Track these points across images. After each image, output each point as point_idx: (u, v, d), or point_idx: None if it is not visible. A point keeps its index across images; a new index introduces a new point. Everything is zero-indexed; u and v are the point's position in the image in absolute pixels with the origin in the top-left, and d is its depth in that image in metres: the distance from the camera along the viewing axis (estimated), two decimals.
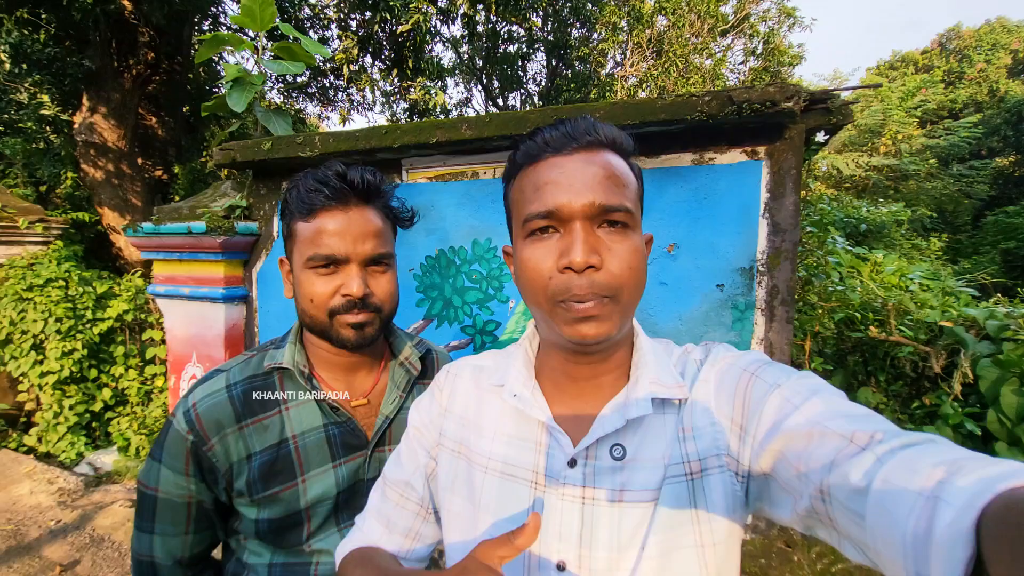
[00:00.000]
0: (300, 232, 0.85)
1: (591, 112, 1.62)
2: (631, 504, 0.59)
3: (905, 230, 5.83)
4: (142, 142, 6.72)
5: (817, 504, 0.46)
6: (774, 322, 1.60)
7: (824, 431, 0.48)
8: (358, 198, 0.85)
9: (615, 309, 0.58)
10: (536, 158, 0.61)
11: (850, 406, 0.51)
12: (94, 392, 3.97)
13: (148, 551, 0.87)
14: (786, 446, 0.51)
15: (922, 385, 1.95)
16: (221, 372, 0.90)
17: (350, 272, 0.83)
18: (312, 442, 0.88)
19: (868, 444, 0.44)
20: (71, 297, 3.82)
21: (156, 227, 2.49)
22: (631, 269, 0.58)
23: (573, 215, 0.57)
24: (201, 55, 2.56)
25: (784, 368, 0.60)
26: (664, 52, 9.55)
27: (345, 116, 8.74)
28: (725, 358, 0.64)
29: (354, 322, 0.84)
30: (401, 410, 0.96)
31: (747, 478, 0.58)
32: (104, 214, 5.88)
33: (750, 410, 0.57)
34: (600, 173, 0.58)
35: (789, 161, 1.57)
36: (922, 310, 1.96)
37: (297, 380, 0.89)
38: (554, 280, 0.58)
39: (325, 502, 0.88)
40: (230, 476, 0.85)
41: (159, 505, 0.85)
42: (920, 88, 12.80)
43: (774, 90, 1.45)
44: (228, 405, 0.86)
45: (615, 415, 0.61)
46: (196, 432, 0.84)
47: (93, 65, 5.49)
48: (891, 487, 0.39)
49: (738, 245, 1.63)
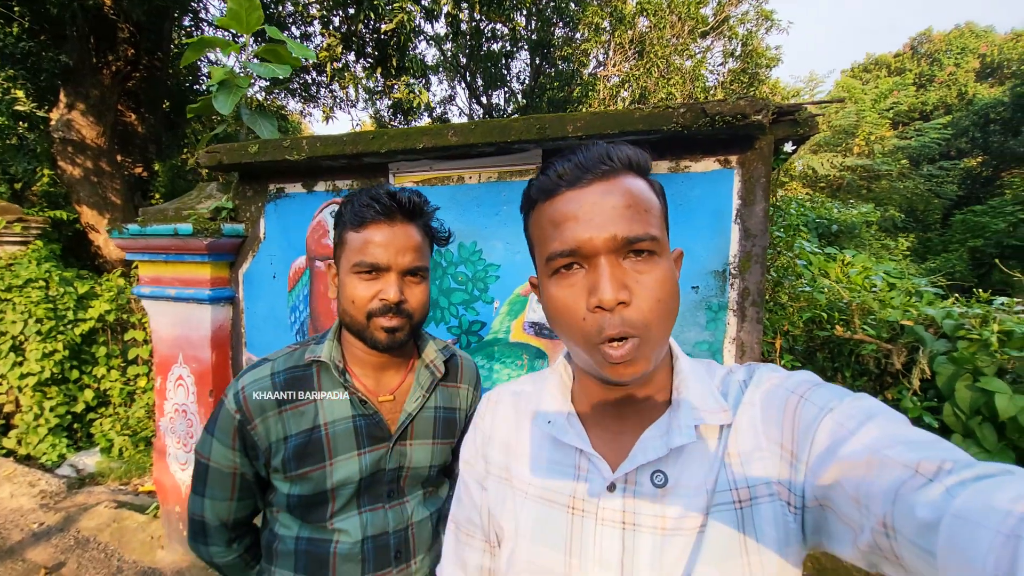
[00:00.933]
0: (350, 241, 0.96)
1: (572, 122, 1.69)
2: (674, 532, 0.57)
3: (875, 230, 6.06)
4: (121, 139, 6.61)
5: (880, 539, 0.43)
6: (745, 322, 1.70)
7: (884, 459, 0.45)
8: (403, 215, 0.96)
9: (647, 348, 0.56)
10: (552, 193, 0.60)
11: (912, 432, 0.48)
12: (76, 393, 3.93)
13: (200, 511, 1.00)
14: (843, 475, 0.48)
15: (885, 381, 2.06)
16: (268, 361, 1.02)
17: (389, 280, 0.94)
18: (341, 430, 0.99)
19: (936, 474, 0.41)
20: (52, 298, 3.77)
21: (142, 229, 2.50)
22: (660, 302, 0.56)
23: (597, 251, 0.56)
24: (187, 58, 2.56)
25: (835, 389, 0.57)
26: (646, 53, 9.68)
27: (328, 113, 8.69)
28: (771, 379, 0.61)
29: (387, 326, 0.94)
30: (423, 408, 1.07)
31: (801, 509, 0.54)
32: (83, 212, 5.78)
33: (800, 435, 0.54)
34: (620, 203, 0.56)
35: (759, 170, 1.66)
36: (885, 310, 2.08)
37: (332, 373, 1.00)
38: (588, 321, 0.56)
39: (348, 485, 0.99)
40: (269, 453, 0.97)
41: (210, 473, 0.99)
42: (892, 90, 13.17)
43: (744, 103, 1.53)
44: (272, 390, 0.98)
45: (657, 442, 0.59)
46: (243, 412, 0.96)
47: (70, 60, 5.38)
48: (965, 523, 0.36)
49: (712, 249, 1.72)
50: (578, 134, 1.70)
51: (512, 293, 2.00)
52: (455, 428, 1.12)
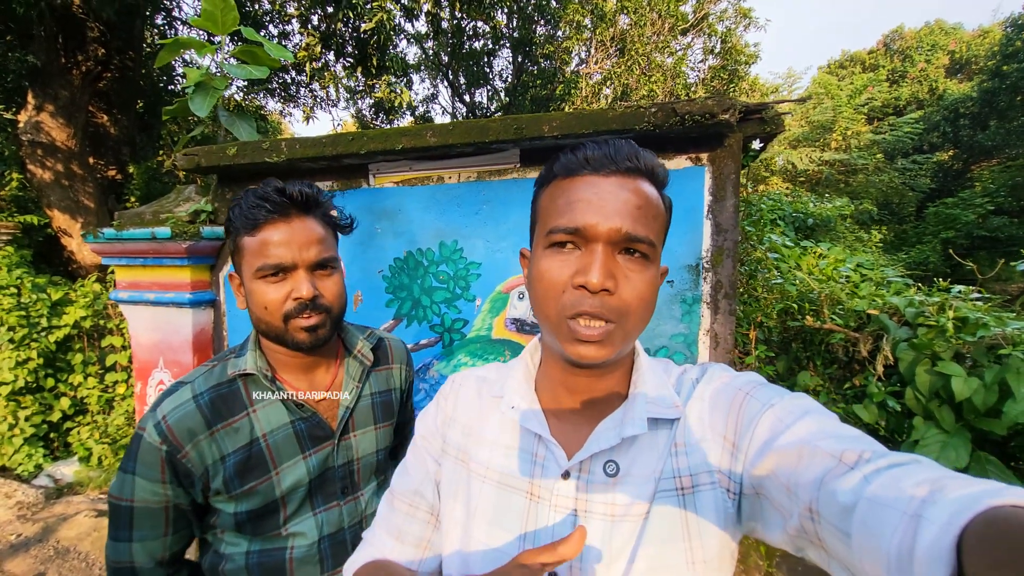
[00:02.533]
0: (247, 246, 0.91)
1: (548, 122, 1.72)
2: (622, 518, 0.60)
3: (849, 223, 6.22)
4: (93, 141, 6.47)
5: (806, 523, 0.47)
6: (719, 314, 1.75)
7: (814, 450, 0.48)
8: (298, 209, 0.92)
9: (619, 335, 0.58)
10: (573, 172, 0.61)
11: (841, 427, 0.52)
12: (51, 402, 3.86)
13: (128, 558, 0.91)
14: (777, 464, 0.51)
15: (853, 368, 2.14)
16: (185, 384, 0.96)
17: (298, 277, 0.90)
18: (281, 438, 0.96)
19: (856, 463, 0.44)
20: (24, 305, 3.70)
21: (118, 233, 2.47)
22: (642, 299, 0.58)
23: (598, 237, 0.58)
24: (161, 59, 2.53)
25: (778, 389, 0.61)
26: (627, 50, 9.76)
27: (308, 113, 8.61)
28: (721, 378, 0.65)
29: (307, 325, 0.91)
30: (360, 399, 1.06)
31: (739, 496, 0.58)
32: (54, 216, 5.65)
33: (743, 428, 0.58)
34: (632, 200, 0.58)
35: (729, 167, 1.71)
36: (853, 300, 2.15)
37: (262, 383, 0.96)
38: (567, 294, 0.58)
39: (299, 489, 0.97)
40: (206, 478, 0.92)
41: (136, 514, 0.90)
42: (867, 86, 13.47)
43: (713, 103, 1.58)
44: (197, 413, 0.92)
45: (610, 433, 0.62)
46: (169, 442, 0.89)
47: (38, 61, 5.25)
48: (876, 505, 0.39)
49: (685, 244, 1.76)
50: (554, 134, 1.73)
51: (494, 291, 2.02)
52: (392, 409, 1.13)
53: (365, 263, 2.23)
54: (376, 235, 2.19)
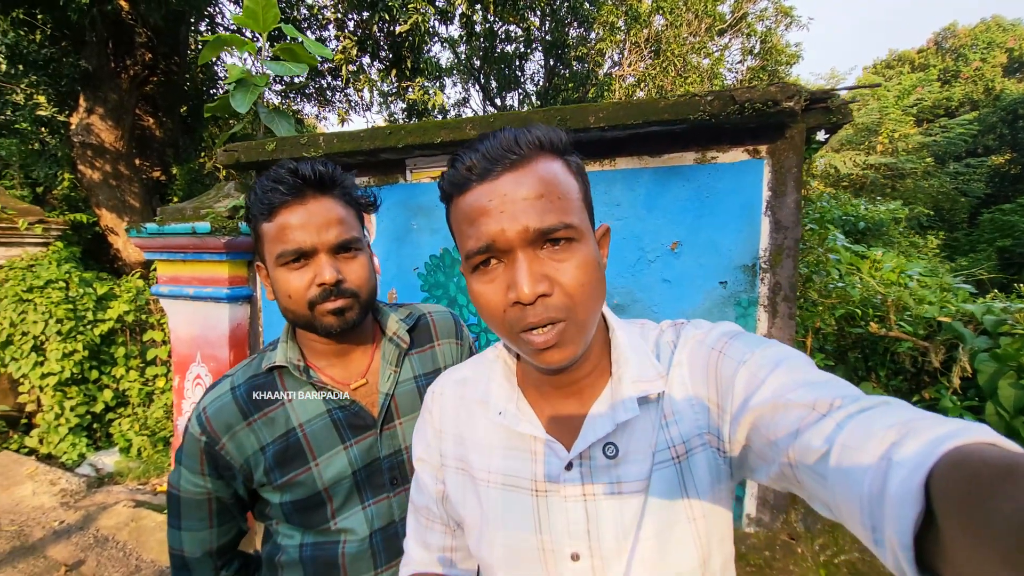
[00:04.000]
0: (266, 233, 0.87)
1: (594, 112, 1.64)
2: (629, 495, 0.61)
3: (903, 228, 5.87)
4: (139, 143, 6.70)
5: (786, 470, 0.49)
6: (777, 318, 1.62)
7: (788, 402, 0.50)
8: (314, 190, 0.87)
9: (574, 331, 0.57)
10: (464, 187, 0.58)
11: (814, 373, 0.53)
12: (95, 393, 3.97)
13: (179, 546, 0.93)
14: (756, 419, 0.53)
15: (922, 380, 1.97)
16: (227, 377, 0.95)
17: (320, 262, 0.85)
18: (319, 428, 0.92)
19: (828, 411, 0.46)
20: (72, 298, 3.82)
21: (160, 228, 2.50)
22: (582, 286, 0.56)
23: (511, 244, 0.55)
24: (204, 56, 2.56)
25: (750, 339, 0.61)
26: (662, 51, 9.58)
27: (343, 117, 8.74)
28: (694, 336, 0.65)
29: (333, 308, 0.86)
30: (400, 383, 0.99)
31: (727, 451, 0.60)
32: (102, 215, 5.86)
33: (723, 388, 0.59)
34: (530, 194, 0.55)
35: (790, 160, 1.59)
36: (921, 306, 1.98)
37: (294, 375, 0.93)
38: (508, 313, 0.57)
39: (343, 482, 0.92)
40: (247, 469, 0.90)
41: (182, 503, 0.92)
42: (916, 86, 12.87)
43: (775, 90, 1.46)
44: (234, 405, 0.91)
45: (604, 419, 0.62)
46: (208, 434, 0.89)
47: (90, 66, 5.47)
48: (848, 450, 0.41)
49: (740, 243, 1.65)
50: (600, 125, 1.64)
51: None
52: None
53: (400, 260, 2.18)
54: (412, 232, 2.15)
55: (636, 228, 1.78)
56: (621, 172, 1.80)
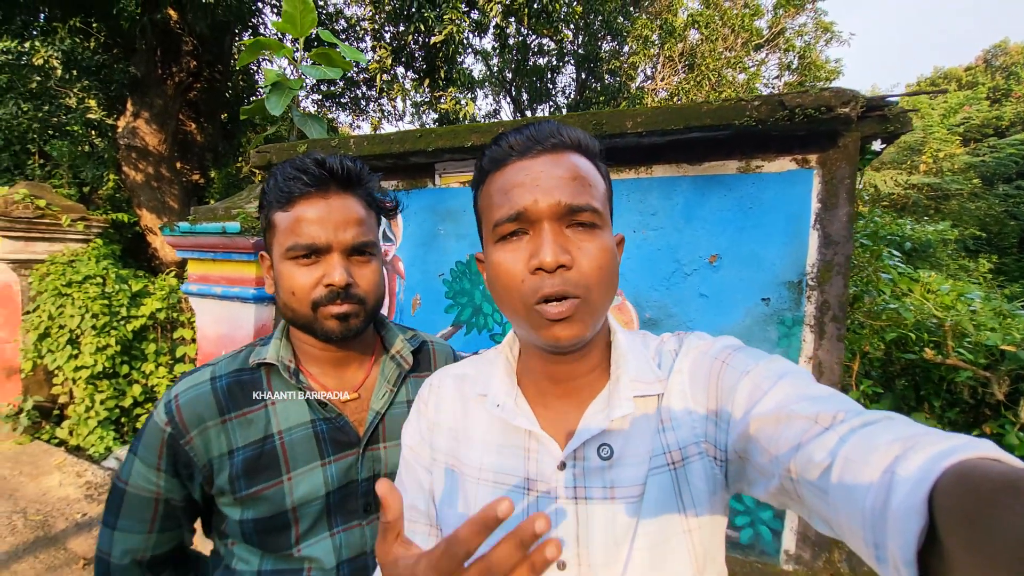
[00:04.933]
0: (279, 222, 0.81)
1: (632, 117, 1.57)
2: (622, 500, 0.60)
3: (951, 250, 5.56)
4: (181, 147, 6.94)
5: (787, 483, 0.48)
6: (824, 339, 1.51)
7: (791, 414, 0.49)
8: (338, 185, 0.82)
9: (587, 310, 0.58)
10: (502, 163, 0.61)
11: (816, 388, 0.52)
12: (124, 388, 4.04)
13: (107, 548, 0.82)
14: (757, 430, 0.52)
15: (981, 412, 1.81)
16: (208, 366, 0.87)
17: (332, 261, 0.80)
18: (299, 438, 0.84)
19: (831, 424, 0.45)
20: (107, 294, 3.91)
21: (192, 226, 2.53)
22: (601, 268, 0.58)
23: (540, 215, 0.57)
24: (243, 59, 2.61)
25: (753, 353, 0.61)
26: (696, 66, 9.48)
27: (376, 125, 8.89)
28: (697, 347, 0.65)
29: (338, 312, 0.80)
30: (392, 405, 0.92)
31: (725, 462, 0.59)
32: (142, 215, 6.06)
33: (723, 397, 0.59)
34: (565, 174, 0.58)
35: (843, 170, 1.49)
36: (981, 333, 1.83)
37: (283, 376, 0.86)
38: (527, 282, 0.58)
39: (313, 503, 0.83)
40: (209, 472, 0.81)
41: (126, 499, 0.82)
42: (963, 105, 12.38)
43: (829, 95, 1.37)
44: (211, 397, 0.82)
45: (599, 416, 0.62)
46: (175, 424, 0.80)
47: (138, 72, 5.70)
48: (851, 464, 0.40)
49: (786, 257, 1.55)
50: (638, 130, 1.57)
51: None
52: None
53: (426, 266, 2.15)
54: (439, 237, 2.11)
55: (672, 239, 1.69)
56: (658, 180, 1.72)
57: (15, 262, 4.02)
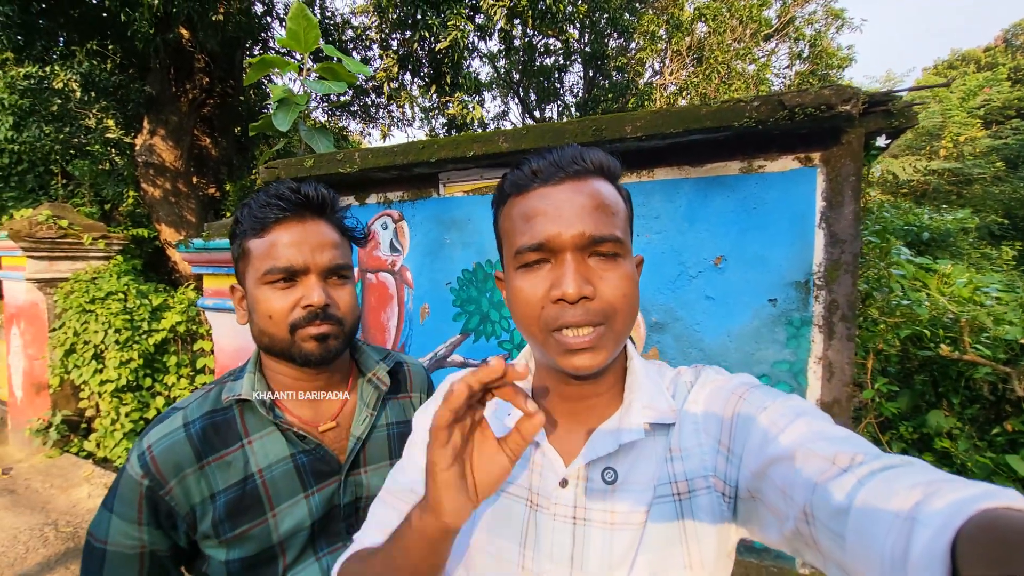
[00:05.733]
0: (254, 249, 0.82)
1: (631, 122, 1.57)
2: (622, 526, 0.59)
3: (972, 238, 5.41)
4: (197, 162, 7.09)
5: (802, 526, 0.47)
6: (834, 339, 1.49)
7: (808, 453, 0.48)
8: (313, 211, 0.84)
9: (609, 337, 0.58)
10: (524, 188, 0.61)
11: (834, 429, 0.51)
12: (148, 400, 4.14)
13: None
14: (771, 468, 0.51)
15: (1002, 409, 1.76)
16: (178, 410, 0.85)
17: (309, 283, 0.81)
18: (280, 474, 0.84)
19: (849, 466, 0.44)
20: (129, 309, 4.02)
21: (206, 243, 2.59)
22: (625, 296, 0.58)
23: (564, 246, 0.58)
24: (250, 77, 2.66)
25: (771, 391, 0.60)
26: (705, 59, 9.36)
27: (386, 132, 8.97)
28: (715, 380, 0.65)
29: (316, 333, 0.80)
30: (374, 429, 0.92)
31: (734, 499, 0.58)
32: (161, 230, 6.21)
33: (737, 432, 0.58)
34: (589, 203, 0.58)
35: (848, 167, 1.47)
36: (1000, 327, 1.79)
37: (258, 411, 0.84)
38: (547, 310, 0.58)
39: (299, 533, 0.84)
40: (192, 519, 0.80)
41: (108, 559, 0.78)
42: (983, 87, 12.03)
43: (829, 93, 1.35)
44: (187, 444, 0.80)
45: (607, 439, 0.62)
46: (152, 476, 0.78)
47: (153, 91, 5.84)
48: (870, 508, 0.39)
49: (791, 257, 1.53)
50: (637, 135, 1.57)
51: None
52: None
53: (433, 275, 2.16)
54: (445, 246, 2.13)
55: (676, 242, 1.69)
56: (660, 183, 1.71)
57: (41, 281, 4.15)
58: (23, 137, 5.98)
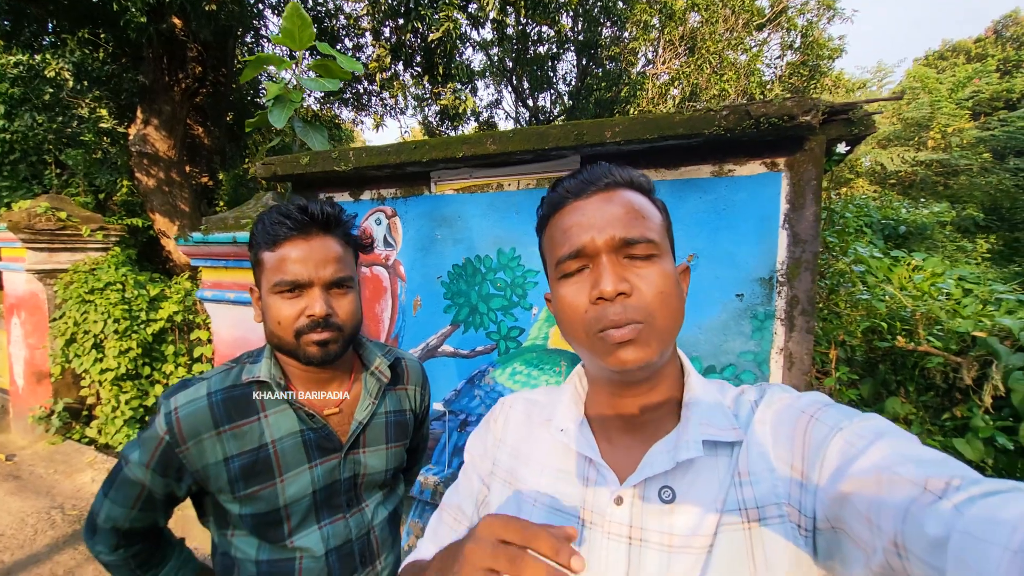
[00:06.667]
0: (266, 261, 0.93)
1: (611, 127, 1.67)
2: (681, 549, 0.56)
3: (949, 231, 5.57)
4: (190, 151, 7.10)
5: (892, 559, 0.42)
6: (794, 332, 1.61)
7: (894, 477, 0.44)
8: (318, 228, 0.94)
9: (651, 334, 0.58)
10: (559, 206, 0.65)
11: (921, 450, 0.48)
12: (147, 388, 4.24)
13: (97, 510, 0.97)
14: (853, 494, 0.47)
15: (953, 396, 1.90)
16: (203, 380, 0.98)
17: (313, 295, 0.92)
18: (289, 446, 0.97)
19: (944, 491, 0.41)
20: (127, 299, 4.09)
21: (204, 237, 2.67)
22: (661, 293, 0.58)
23: (598, 250, 0.60)
24: (245, 75, 2.71)
25: (846, 410, 0.57)
26: (697, 49, 9.40)
27: (378, 121, 8.98)
28: (782, 399, 0.62)
29: (318, 339, 0.91)
30: (374, 415, 1.06)
31: (812, 531, 0.53)
32: (155, 219, 6.24)
33: (811, 455, 0.54)
34: (619, 210, 0.61)
35: (809, 172, 1.58)
36: (955, 319, 1.92)
37: (274, 391, 0.98)
38: (589, 312, 0.59)
39: (302, 500, 0.97)
40: (203, 476, 0.93)
41: (119, 478, 0.95)
42: (972, 78, 12.14)
43: (792, 104, 1.46)
44: (208, 412, 0.93)
45: (664, 456, 0.60)
46: (173, 434, 0.91)
47: (146, 80, 5.84)
48: (973, 540, 0.36)
49: (757, 256, 1.65)
50: (617, 140, 1.67)
51: None
52: (407, 429, 1.13)
53: (425, 269, 2.27)
54: (436, 241, 2.23)
55: None
56: None
57: (41, 272, 4.22)
58: (15, 126, 5.98)
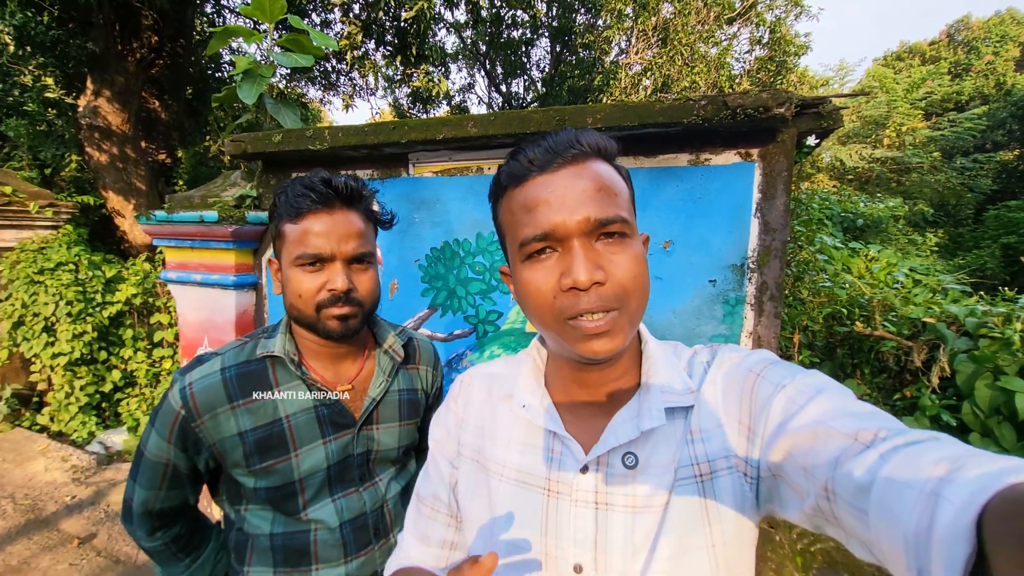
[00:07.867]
0: (288, 233, 0.93)
1: (592, 114, 1.68)
2: (644, 509, 0.59)
3: (902, 225, 5.89)
4: (145, 126, 6.74)
5: (823, 503, 0.46)
6: (763, 316, 1.68)
7: (829, 430, 0.48)
8: (342, 202, 0.93)
9: (624, 321, 0.57)
10: (522, 178, 0.60)
11: (856, 404, 0.51)
12: (104, 373, 4.08)
13: (130, 496, 0.99)
14: (793, 445, 0.51)
15: (904, 378, 2.03)
16: (217, 355, 0.98)
17: (335, 269, 0.91)
18: (303, 421, 0.97)
19: (872, 442, 0.44)
20: (81, 281, 3.90)
21: (168, 215, 2.56)
22: (635, 278, 0.57)
23: (569, 233, 0.56)
24: (212, 47, 2.60)
25: (790, 367, 0.60)
26: (669, 40, 9.49)
27: (348, 102, 8.73)
28: (731, 359, 0.64)
29: (339, 314, 0.92)
30: (387, 393, 1.06)
31: (756, 479, 0.58)
32: (108, 197, 5.92)
33: (757, 411, 0.57)
34: (590, 187, 0.57)
35: (781, 163, 1.64)
36: (907, 306, 2.04)
37: (288, 367, 0.98)
38: (559, 299, 0.57)
39: (317, 474, 0.97)
40: (218, 449, 0.95)
41: (143, 461, 0.96)
42: (926, 80, 12.73)
43: (767, 96, 1.51)
44: (222, 387, 0.94)
45: (628, 425, 0.61)
46: (189, 409, 0.92)
47: (96, 48, 5.49)
48: (893, 484, 0.39)
49: (730, 243, 1.70)
50: (598, 126, 1.69)
51: None
52: (419, 408, 1.14)
53: (402, 252, 2.25)
54: (414, 224, 2.21)
55: None
56: None
57: None
58: None
